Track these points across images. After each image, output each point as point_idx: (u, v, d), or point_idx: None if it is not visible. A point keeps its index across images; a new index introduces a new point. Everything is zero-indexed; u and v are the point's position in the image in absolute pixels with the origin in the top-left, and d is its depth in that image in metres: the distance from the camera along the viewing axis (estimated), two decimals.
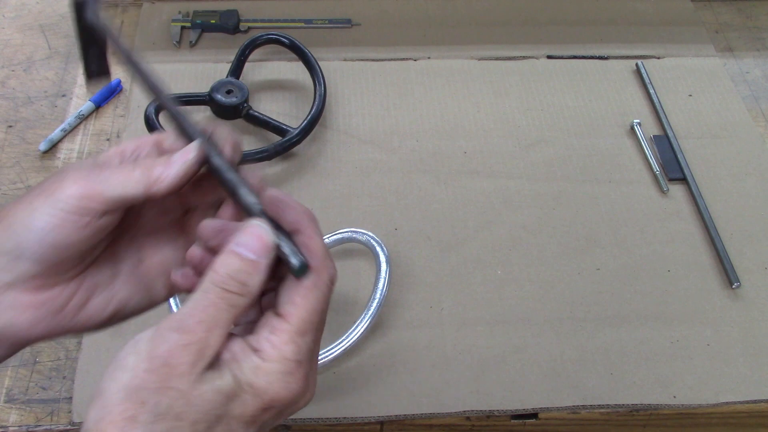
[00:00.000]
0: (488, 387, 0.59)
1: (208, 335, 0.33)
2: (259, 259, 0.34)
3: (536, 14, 0.88)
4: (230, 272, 0.34)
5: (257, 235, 0.35)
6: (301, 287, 0.35)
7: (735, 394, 0.59)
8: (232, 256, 0.34)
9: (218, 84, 0.72)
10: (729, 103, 0.80)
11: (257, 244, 0.34)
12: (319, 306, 0.35)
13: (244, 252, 0.34)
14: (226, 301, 0.34)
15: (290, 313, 0.34)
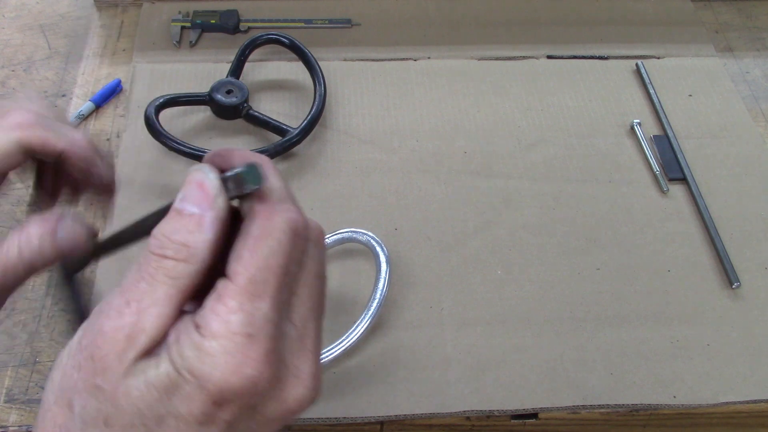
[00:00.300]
0: (488, 387, 0.59)
1: (139, 317, 0.27)
2: (202, 210, 0.28)
3: (536, 14, 0.88)
4: (166, 232, 0.28)
5: (195, 181, 0.29)
6: (249, 237, 0.28)
7: (735, 394, 0.59)
8: (172, 214, 0.28)
9: (218, 84, 0.72)
10: (729, 103, 0.80)
11: (196, 191, 0.28)
12: (276, 259, 0.28)
13: (184, 205, 0.28)
14: (163, 270, 0.27)
15: (235, 271, 0.27)
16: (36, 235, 0.35)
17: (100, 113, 0.75)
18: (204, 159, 0.32)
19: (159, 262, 0.27)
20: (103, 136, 0.73)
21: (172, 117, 0.74)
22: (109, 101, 0.76)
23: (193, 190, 0.28)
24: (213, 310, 0.27)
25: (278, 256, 0.28)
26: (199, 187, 0.28)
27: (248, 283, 0.27)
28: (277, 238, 0.28)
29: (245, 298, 0.27)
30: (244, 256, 0.27)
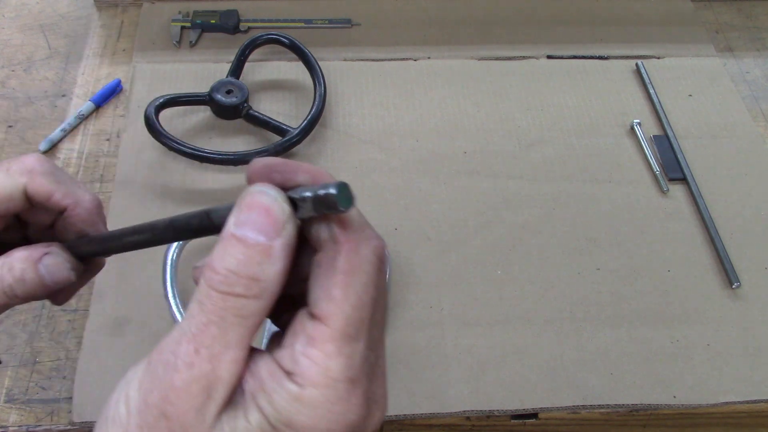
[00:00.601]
0: (488, 387, 0.59)
1: (214, 365, 0.24)
2: (269, 239, 0.25)
3: (536, 14, 0.88)
4: (232, 267, 0.25)
5: (261, 204, 0.25)
6: (338, 272, 0.25)
7: (735, 394, 0.59)
8: (231, 243, 0.25)
9: (218, 84, 0.72)
10: (729, 103, 0.80)
11: (262, 217, 0.25)
12: (368, 294, 0.25)
13: (248, 233, 0.25)
14: (233, 310, 0.24)
15: (329, 312, 0.25)
16: (19, 262, 0.35)
17: (100, 113, 0.75)
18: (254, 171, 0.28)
19: (227, 301, 0.24)
20: (103, 136, 0.73)
21: (172, 117, 0.74)
22: (109, 101, 0.76)
23: (257, 216, 0.25)
24: (307, 356, 0.24)
25: (370, 291, 0.26)
26: (266, 213, 0.25)
27: (345, 326, 0.25)
28: (366, 272, 0.26)
29: (344, 342, 0.24)
30: (336, 296, 0.25)
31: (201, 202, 0.68)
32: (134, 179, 0.69)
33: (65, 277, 0.36)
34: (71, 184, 0.37)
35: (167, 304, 0.59)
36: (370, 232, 0.27)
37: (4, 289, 0.35)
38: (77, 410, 0.55)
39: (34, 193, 0.35)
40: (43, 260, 0.35)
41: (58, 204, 0.36)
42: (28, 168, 0.35)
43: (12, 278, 0.35)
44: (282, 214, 0.25)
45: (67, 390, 0.57)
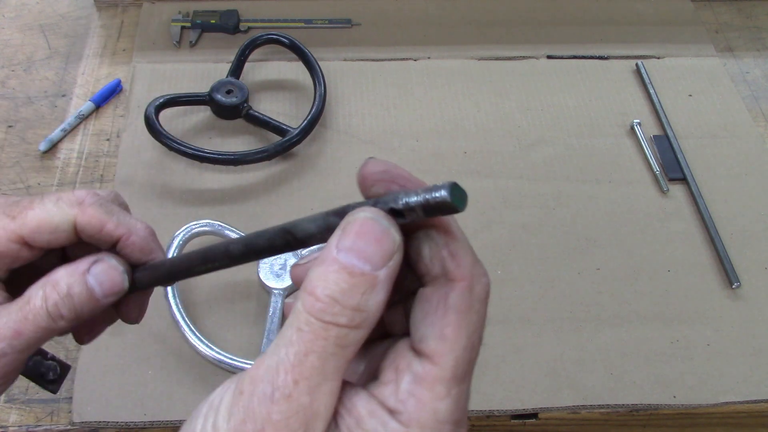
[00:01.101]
0: (488, 387, 0.59)
1: (312, 398, 0.23)
2: (375, 268, 0.23)
3: (536, 14, 0.88)
4: (335, 295, 0.23)
5: (372, 233, 0.24)
6: (451, 311, 0.24)
7: (735, 394, 0.59)
8: (334, 268, 0.24)
9: (218, 84, 0.72)
10: (729, 103, 0.80)
11: (373, 247, 0.24)
12: (478, 334, 0.25)
13: (354, 261, 0.23)
14: (335, 340, 0.23)
15: (440, 352, 0.24)
16: (64, 278, 0.32)
17: (100, 113, 0.75)
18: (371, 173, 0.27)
19: (329, 330, 0.23)
20: (103, 136, 0.73)
21: (172, 117, 0.74)
22: (109, 101, 0.76)
23: (365, 244, 0.24)
24: (415, 396, 0.23)
25: (479, 330, 0.25)
26: (376, 242, 0.24)
27: (455, 366, 0.24)
28: (478, 312, 0.25)
29: (453, 383, 0.24)
30: (448, 335, 0.24)
31: (201, 202, 0.68)
32: (134, 179, 0.69)
33: (118, 285, 0.33)
34: (123, 214, 0.35)
35: (167, 304, 0.59)
36: (481, 268, 0.26)
37: (48, 310, 0.31)
38: (77, 410, 0.55)
39: (85, 224, 0.33)
40: (92, 270, 0.32)
41: (111, 235, 0.34)
42: (79, 200, 0.33)
43: (58, 296, 0.31)
44: (393, 245, 0.24)
45: (67, 390, 0.57)
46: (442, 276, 0.25)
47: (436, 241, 0.26)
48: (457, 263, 0.25)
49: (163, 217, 0.66)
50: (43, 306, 0.31)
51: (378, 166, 0.27)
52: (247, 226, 0.66)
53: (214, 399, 0.25)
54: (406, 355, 0.25)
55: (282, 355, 0.24)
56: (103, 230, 0.33)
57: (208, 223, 0.63)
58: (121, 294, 0.33)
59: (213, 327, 0.60)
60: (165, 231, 0.64)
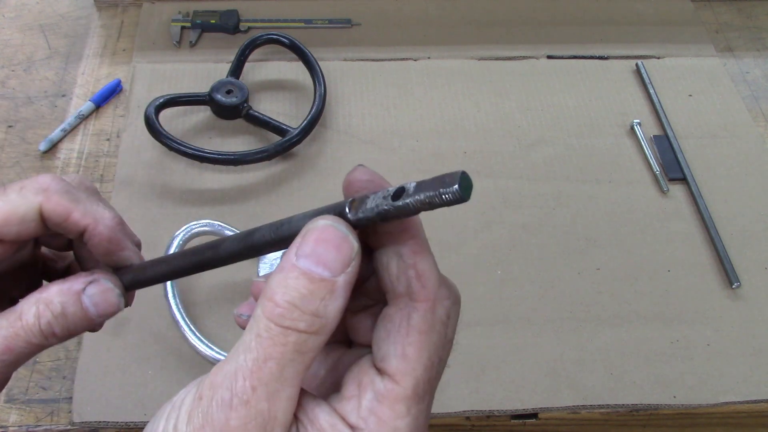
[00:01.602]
0: (488, 387, 0.59)
1: (270, 404, 0.23)
2: (334, 274, 0.24)
3: (536, 14, 0.88)
4: (294, 300, 0.24)
5: (332, 240, 0.24)
6: (413, 331, 0.25)
7: (735, 394, 0.59)
8: (293, 275, 0.24)
9: (218, 84, 0.72)
10: (729, 103, 0.80)
11: (333, 253, 0.24)
12: (438, 354, 0.25)
13: (313, 267, 0.24)
14: (294, 345, 0.23)
15: (402, 371, 0.24)
16: (58, 296, 0.31)
17: (100, 113, 0.75)
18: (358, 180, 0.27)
19: (288, 336, 0.23)
20: (103, 136, 0.73)
21: (172, 117, 0.74)
22: (109, 101, 0.76)
23: (325, 250, 0.24)
24: (376, 413, 0.24)
25: (440, 351, 0.25)
26: (335, 249, 0.24)
27: (416, 386, 0.24)
28: (439, 333, 0.25)
29: (413, 402, 0.24)
30: (410, 355, 0.24)
31: (201, 202, 0.68)
32: (134, 179, 0.69)
33: (113, 306, 0.32)
34: (90, 202, 0.33)
35: (167, 304, 0.59)
36: (445, 290, 0.26)
37: (42, 328, 0.31)
38: (77, 410, 0.55)
39: (50, 212, 0.32)
40: (87, 290, 0.31)
41: (77, 224, 0.32)
42: (43, 187, 0.32)
43: (51, 314, 0.31)
44: (351, 251, 0.24)
45: (67, 390, 0.57)
46: (406, 295, 0.26)
47: (404, 259, 0.26)
48: (423, 284, 0.25)
49: (163, 217, 0.66)
50: (36, 324, 0.30)
51: (365, 174, 0.27)
52: (247, 226, 0.65)
53: (176, 400, 0.25)
54: (369, 372, 0.25)
55: (241, 361, 0.24)
56: (69, 219, 0.32)
57: (208, 223, 0.63)
58: (115, 314, 0.33)
59: (213, 327, 0.60)
60: (165, 231, 0.64)
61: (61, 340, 0.32)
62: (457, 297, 0.28)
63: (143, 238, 0.67)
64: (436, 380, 0.26)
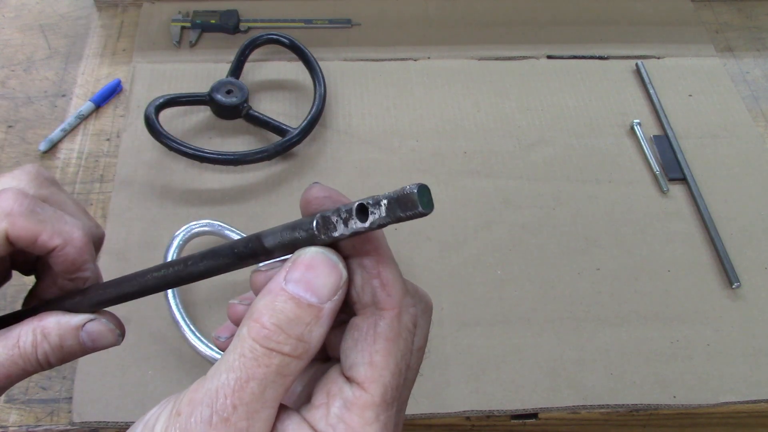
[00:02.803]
0: (488, 387, 0.59)
1: (249, 423, 0.24)
2: (321, 302, 0.25)
3: (536, 14, 0.88)
4: (281, 323, 0.24)
5: (319, 265, 0.25)
6: (380, 339, 0.25)
7: (735, 394, 0.59)
8: (282, 298, 0.24)
9: (218, 84, 0.72)
10: (729, 103, 0.80)
11: (323, 280, 0.25)
12: (406, 361, 0.26)
13: (301, 292, 0.24)
14: (277, 368, 0.24)
15: (369, 377, 0.25)
16: (56, 329, 0.31)
17: (100, 113, 0.75)
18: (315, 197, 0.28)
19: (272, 358, 0.24)
20: (103, 136, 0.73)
21: (172, 117, 0.74)
22: (109, 101, 0.76)
23: (315, 277, 0.24)
24: (345, 421, 0.24)
25: (406, 357, 0.26)
26: (325, 276, 0.25)
27: (384, 393, 0.25)
28: (405, 339, 0.26)
29: (382, 409, 0.25)
30: (377, 363, 0.25)
31: (201, 202, 0.68)
32: (134, 179, 0.69)
33: (111, 343, 0.32)
34: (57, 220, 0.32)
35: (167, 304, 0.59)
36: (410, 299, 0.26)
37: (38, 358, 0.31)
38: (77, 410, 0.55)
39: (16, 238, 0.31)
40: (86, 327, 0.32)
41: (45, 245, 0.32)
42: (7, 211, 0.31)
43: (49, 347, 0.31)
44: (339, 279, 0.25)
45: (67, 390, 0.57)
46: (372, 304, 0.26)
47: (368, 270, 0.26)
48: (387, 293, 0.26)
49: (163, 217, 0.66)
50: (33, 353, 0.31)
51: (322, 191, 0.28)
52: (247, 226, 0.66)
53: (150, 419, 0.25)
54: (338, 381, 0.25)
55: (223, 379, 0.24)
56: (36, 242, 0.32)
57: (208, 223, 0.63)
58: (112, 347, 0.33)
59: (213, 327, 0.60)
60: (165, 231, 0.64)
61: (56, 366, 0.32)
62: (428, 305, 0.29)
63: (143, 238, 0.67)
64: (406, 388, 0.26)
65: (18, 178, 0.33)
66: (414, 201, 0.23)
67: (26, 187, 0.33)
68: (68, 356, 0.32)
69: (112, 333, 0.32)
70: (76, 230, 0.33)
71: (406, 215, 0.24)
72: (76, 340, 0.31)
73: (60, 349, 0.31)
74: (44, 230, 0.32)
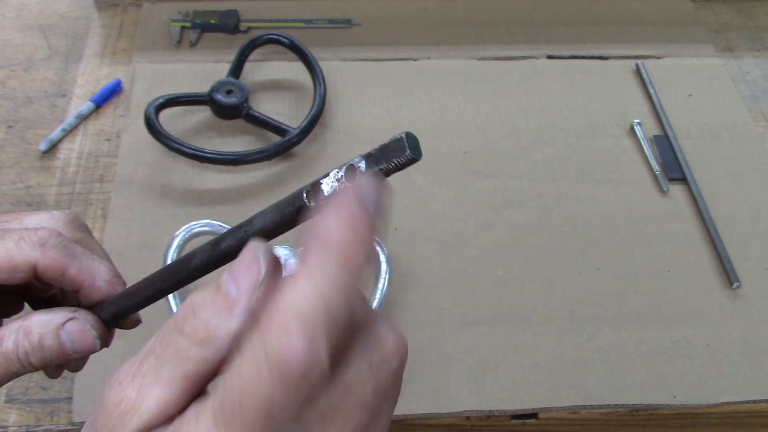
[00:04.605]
0: (488, 387, 0.59)
1: (138, 395, 0.24)
2: (239, 294, 0.24)
3: (536, 14, 0.88)
4: (196, 306, 0.24)
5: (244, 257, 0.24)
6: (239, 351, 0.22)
7: (735, 394, 0.59)
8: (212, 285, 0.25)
9: (218, 84, 0.72)
10: (729, 103, 0.80)
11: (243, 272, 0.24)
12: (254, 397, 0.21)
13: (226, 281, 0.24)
14: (173, 347, 0.24)
15: (217, 383, 0.23)
16: (37, 328, 0.31)
17: (100, 113, 0.75)
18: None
19: (173, 336, 0.24)
20: (103, 136, 0.73)
21: (172, 117, 0.74)
22: (109, 101, 0.76)
23: (240, 269, 0.24)
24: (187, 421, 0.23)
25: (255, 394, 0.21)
26: (246, 269, 0.24)
27: (219, 406, 0.22)
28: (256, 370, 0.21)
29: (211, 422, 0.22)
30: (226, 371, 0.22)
31: (201, 202, 0.68)
32: (134, 179, 0.69)
33: (89, 346, 0.32)
34: (86, 257, 0.33)
35: (167, 304, 0.59)
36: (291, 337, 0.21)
37: (19, 357, 0.31)
38: (77, 410, 0.55)
39: (45, 268, 0.32)
40: (66, 326, 0.32)
41: (73, 280, 0.33)
42: (41, 241, 0.32)
43: (29, 345, 0.31)
44: (258, 275, 0.24)
45: (67, 390, 0.57)
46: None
47: None
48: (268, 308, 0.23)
49: (163, 217, 0.66)
50: (14, 351, 0.31)
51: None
52: None
53: None
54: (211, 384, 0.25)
55: (141, 351, 0.25)
56: (64, 275, 0.33)
57: (208, 223, 0.63)
58: (91, 353, 0.33)
59: None
60: (165, 231, 0.64)
61: (38, 369, 0.32)
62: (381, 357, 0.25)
63: (143, 238, 0.67)
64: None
65: (55, 218, 0.35)
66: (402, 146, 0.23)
67: (62, 229, 0.34)
68: (49, 358, 0.32)
69: (90, 334, 0.32)
70: (103, 267, 0.34)
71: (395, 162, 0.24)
72: (56, 340, 0.31)
73: (40, 349, 0.31)
74: (73, 265, 0.33)
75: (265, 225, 0.27)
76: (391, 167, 0.24)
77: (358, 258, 0.22)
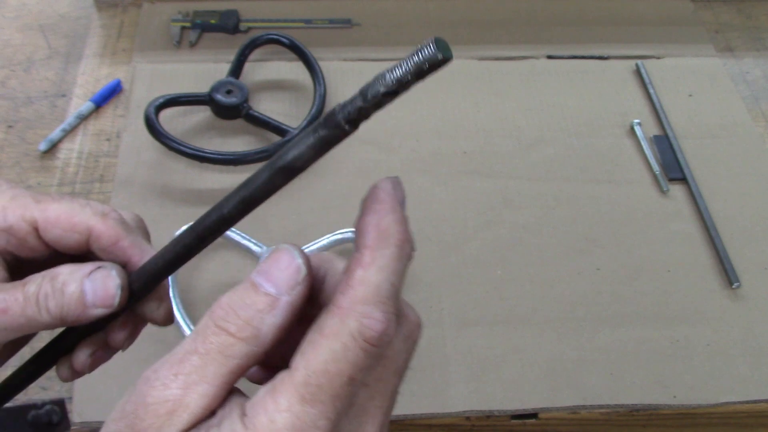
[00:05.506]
0: (488, 387, 0.59)
1: (184, 392, 0.25)
2: (279, 293, 0.26)
3: (536, 14, 0.88)
4: (234, 304, 0.26)
5: (283, 261, 0.27)
6: (315, 330, 0.25)
7: (735, 394, 0.59)
8: (246, 286, 0.26)
9: (218, 84, 0.72)
10: (729, 103, 0.80)
11: (280, 272, 0.26)
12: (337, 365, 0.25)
13: (262, 282, 0.26)
14: (219, 346, 0.25)
15: (294, 366, 0.25)
16: (64, 274, 0.31)
17: (100, 113, 0.75)
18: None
19: (218, 336, 0.25)
20: (103, 136, 0.73)
21: (172, 117, 0.74)
22: (109, 101, 0.76)
23: (275, 269, 0.26)
24: (262, 403, 0.25)
25: (340, 363, 0.24)
26: (284, 269, 0.26)
27: (302, 385, 0.24)
28: (343, 343, 0.25)
29: (296, 400, 0.24)
30: (307, 352, 0.25)
31: (201, 202, 0.68)
32: (134, 179, 0.69)
33: (110, 297, 0.31)
34: (141, 239, 0.34)
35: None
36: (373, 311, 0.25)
37: (39, 299, 0.31)
38: (77, 410, 0.55)
39: (101, 233, 0.33)
40: (92, 275, 0.31)
41: (124, 251, 0.33)
42: (104, 212, 0.33)
43: (51, 288, 0.31)
44: (297, 273, 0.26)
45: (67, 390, 0.57)
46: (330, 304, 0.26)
47: (346, 270, 0.26)
48: (343, 292, 0.25)
49: (163, 217, 0.66)
50: (35, 293, 0.31)
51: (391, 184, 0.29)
52: (248, 226, 0.66)
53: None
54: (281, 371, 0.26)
55: (177, 350, 0.26)
56: (117, 244, 0.33)
57: None
58: (110, 310, 0.32)
59: None
60: (165, 231, 0.64)
61: (53, 324, 0.32)
62: (411, 331, 0.29)
63: None
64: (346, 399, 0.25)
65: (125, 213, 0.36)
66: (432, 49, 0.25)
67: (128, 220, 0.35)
68: (67, 305, 0.31)
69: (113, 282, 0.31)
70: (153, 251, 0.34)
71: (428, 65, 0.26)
72: (79, 287, 0.31)
73: (61, 294, 0.31)
74: (127, 237, 0.33)
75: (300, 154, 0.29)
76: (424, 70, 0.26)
77: (408, 247, 0.27)
